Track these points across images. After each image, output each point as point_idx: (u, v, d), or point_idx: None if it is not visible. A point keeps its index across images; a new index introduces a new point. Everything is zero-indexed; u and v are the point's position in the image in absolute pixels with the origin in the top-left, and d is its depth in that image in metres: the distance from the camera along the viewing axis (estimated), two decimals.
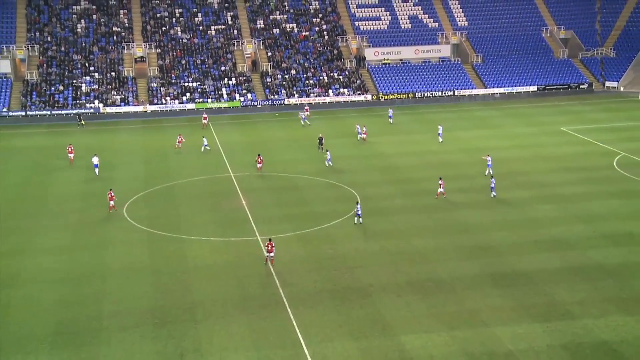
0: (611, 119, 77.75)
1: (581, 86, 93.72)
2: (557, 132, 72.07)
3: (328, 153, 60.23)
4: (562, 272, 38.89)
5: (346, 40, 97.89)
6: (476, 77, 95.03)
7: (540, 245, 42.63)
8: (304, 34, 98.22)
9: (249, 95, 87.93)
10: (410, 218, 47.72)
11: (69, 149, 63.18)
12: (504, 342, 32.14)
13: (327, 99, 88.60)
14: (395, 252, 42.14)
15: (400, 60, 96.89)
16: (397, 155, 64.10)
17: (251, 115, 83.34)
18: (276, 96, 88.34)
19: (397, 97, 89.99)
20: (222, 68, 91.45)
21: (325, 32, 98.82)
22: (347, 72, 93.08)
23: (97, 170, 59.02)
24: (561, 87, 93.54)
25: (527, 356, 31.06)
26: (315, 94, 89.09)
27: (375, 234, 45.07)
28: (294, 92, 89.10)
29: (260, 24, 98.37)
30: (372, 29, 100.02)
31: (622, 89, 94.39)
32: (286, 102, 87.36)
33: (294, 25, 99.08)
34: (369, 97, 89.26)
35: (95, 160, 59.27)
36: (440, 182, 51.92)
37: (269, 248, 39.57)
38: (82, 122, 78.84)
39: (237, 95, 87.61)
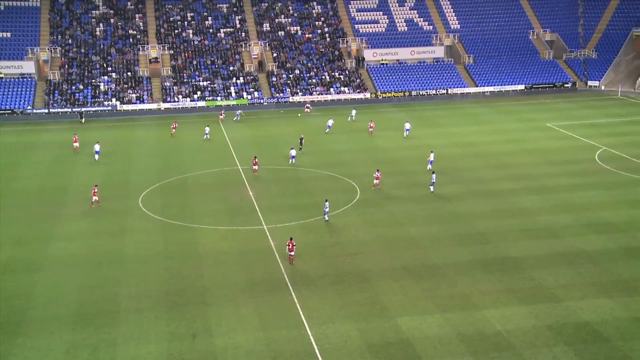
0: (593, 116, 77.48)
1: (565, 85, 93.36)
2: (543, 128, 71.85)
3: (292, 151, 58.87)
4: (548, 258, 38.84)
5: (347, 42, 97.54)
6: (468, 77, 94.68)
7: (527, 234, 42.56)
8: (307, 36, 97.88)
9: (255, 93, 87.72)
10: (406, 208, 47.65)
11: (74, 138, 64.25)
12: (493, 323, 32.12)
13: (329, 97, 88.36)
14: (392, 239, 42.10)
15: (397, 60, 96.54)
16: (395, 149, 63.95)
17: (258, 112, 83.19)
18: (281, 94, 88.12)
19: (394, 95, 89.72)
20: (231, 68, 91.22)
21: (327, 34, 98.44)
22: (347, 72, 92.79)
23: (97, 156, 60.44)
24: (547, 86, 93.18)
25: (514, 336, 31.04)
26: (318, 92, 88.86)
27: (374, 222, 45.01)
28: (298, 91, 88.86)
29: (266, 26, 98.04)
30: (371, 31, 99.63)
31: (603, 87, 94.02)
32: (290, 99, 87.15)
33: (298, 27, 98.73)
34: (367, 95, 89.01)
35: (97, 147, 60.53)
36: (377, 173, 51.32)
37: (290, 247, 38.47)
38: (83, 120, 78.84)
39: (244, 94, 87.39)
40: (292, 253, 38.62)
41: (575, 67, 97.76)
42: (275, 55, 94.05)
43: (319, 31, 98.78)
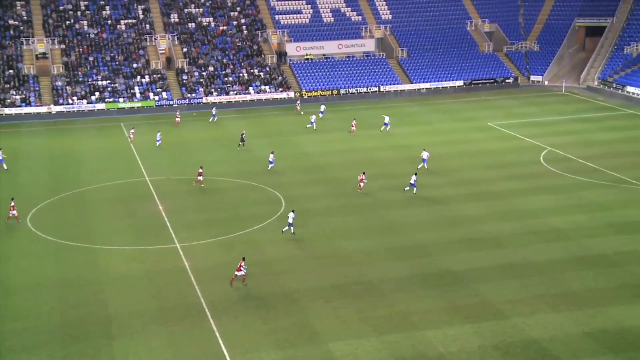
0: (537, 114, 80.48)
1: (507, 80, 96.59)
2: (484, 128, 74.07)
3: (271, 155, 59.47)
4: (492, 270, 39.99)
5: (266, 34, 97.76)
6: (402, 72, 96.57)
7: (470, 244, 43.70)
8: (221, 28, 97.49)
9: (164, 94, 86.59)
10: (337, 219, 48.04)
11: None
12: (435, 344, 32.77)
13: (248, 97, 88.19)
14: (321, 255, 42.35)
15: (323, 55, 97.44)
16: (322, 154, 64.39)
17: (167, 115, 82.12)
18: (193, 94, 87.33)
19: (320, 94, 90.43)
20: (134, 65, 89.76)
21: (244, 27, 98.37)
22: (268, 69, 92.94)
23: (4, 164, 59.60)
24: (487, 81, 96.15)
25: (458, 358, 31.76)
26: (235, 92, 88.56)
27: (301, 237, 45.13)
28: (212, 90, 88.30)
29: (174, 17, 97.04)
30: (293, 22, 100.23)
31: (546, 82, 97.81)
32: (204, 100, 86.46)
33: (211, 19, 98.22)
34: (291, 94, 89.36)
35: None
36: (361, 176, 52.98)
37: (239, 267, 38.12)
38: None
39: (151, 94, 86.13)
40: (240, 273, 37.96)
41: (517, 60, 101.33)
42: (185, 50, 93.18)
43: (235, 23, 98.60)
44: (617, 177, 56.04)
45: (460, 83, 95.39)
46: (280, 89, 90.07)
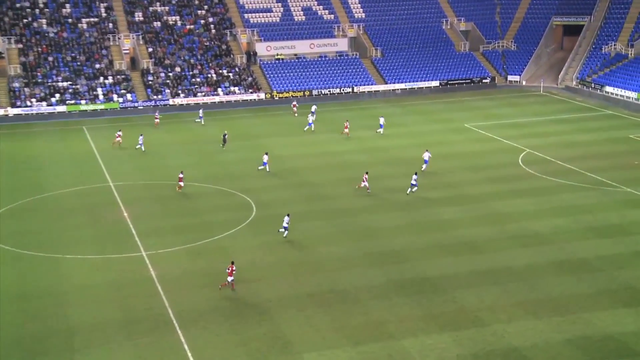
0: (515, 115, 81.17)
1: (484, 80, 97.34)
2: (461, 129, 74.52)
3: (265, 157, 59.64)
4: (471, 276, 40.15)
5: (235, 34, 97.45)
6: (376, 73, 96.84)
7: (448, 249, 43.85)
8: (188, 27, 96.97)
9: (128, 95, 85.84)
10: (310, 225, 47.95)
11: None
12: (412, 354, 32.76)
13: (217, 99, 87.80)
14: (295, 262, 42.21)
15: (295, 55, 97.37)
16: (294, 157, 64.31)
17: (132, 118, 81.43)
18: (159, 96, 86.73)
19: (292, 95, 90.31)
20: (97, 66, 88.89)
21: (212, 25, 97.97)
22: (237, 69, 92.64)
23: None
24: (463, 81, 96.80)
25: None
26: (203, 93, 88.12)
27: (273, 243, 44.97)
28: (179, 92, 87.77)
29: (138, 16, 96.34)
30: (263, 21, 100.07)
31: (524, 82, 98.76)
32: (171, 102, 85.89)
33: (177, 17, 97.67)
34: (262, 95, 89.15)
35: None
36: (364, 176, 53.96)
37: (229, 271, 38.36)
38: None
39: (114, 96, 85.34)
40: (231, 278, 38.33)
41: (494, 60, 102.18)
42: (150, 50, 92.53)
43: (203, 21, 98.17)
44: (597, 180, 56.66)
45: (436, 83, 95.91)
46: (250, 90, 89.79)
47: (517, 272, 40.59)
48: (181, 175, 54.71)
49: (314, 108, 79.00)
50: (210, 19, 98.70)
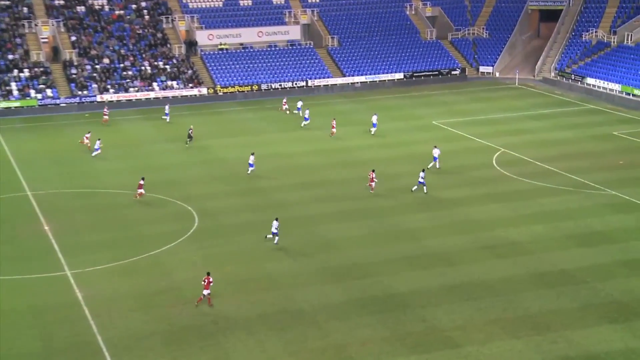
0: (487, 110, 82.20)
1: (453, 72, 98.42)
2: (428, 127, 75.17)
3: (252, 157, 59.82)
4: (441, 292, 40.48)
5: (172, 20, 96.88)
6: (332, 64, 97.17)
7: (415, 262, 44.16)
8: (117, 12, 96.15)
9: (48, 91, 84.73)
10: (260, 237, 47.84)
11: None
12: None
13: (152, 94, 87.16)
14: (243, 279, 42.08)
15: (241, 44, 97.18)
16: (241, 160, 64.14)
17: (53, 117, 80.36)
18: (85, 92, 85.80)
19: (238, 90, 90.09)
20: (10, 57, 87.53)
21: (145, 11, 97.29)
22: (175, 61, 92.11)
23: None
24: (430, 73, 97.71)
25: None
26: (136, 89, 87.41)
27: (218, 258, 44.78)
28: (109, 87, 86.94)
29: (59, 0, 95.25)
30: (204, 6, 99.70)
31: (497, 74, 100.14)
32: (98, 99, 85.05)
33: (104, 2, 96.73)
34: (204, 90, 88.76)
35: None
36: (371, 174, 54.98)
37: (205, 284, 38.58)
38: None
39: (32, 92, 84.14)
40: (208, 291, 38.51)
41: (464, 49, 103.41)
42: (74, 39, 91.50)
43: (134, 6, 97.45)
44: (578, 182, 57.68)
45: (399, 76, 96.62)
46: (191, 85, 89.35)
47: (492, 287, 41.06)
48: (142, 182, 54.27)
49: (300, 104, 79.01)
50: (143, 4, 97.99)
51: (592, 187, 56.49)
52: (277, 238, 46.41)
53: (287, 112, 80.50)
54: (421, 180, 55.18)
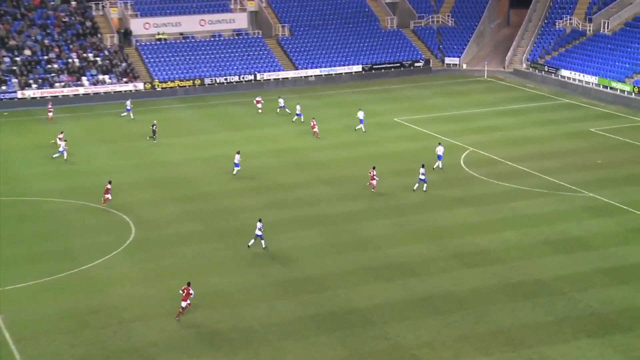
0: (454, 106, 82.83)
1: (416, 64, 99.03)
2: (390, 124, 75.51)
3: (237, 156, 60.04)
4: (405, 306, 40.60)
5: (103, 7, 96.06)
6: (284, 56, 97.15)
7: (377, 273, 44.24)
8: None
9: None
10: (203, 248, 47.62)
11: None
12: None
13: (81, 90, 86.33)
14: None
15: (181, 34, 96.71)
16: (183, 162, 63.85)
17: None
18: (4, 87, 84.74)
19: (179, 85, 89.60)
20: None
21: None
22: (107, 52, 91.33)
23: None
24: (392, 65, 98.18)
25: None
26: (63, 84, 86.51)
27: (157, 272, 44.45)
28: (31, 82, 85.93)
29: None
30: None
31: (464, 66, 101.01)
32: (19, 95, 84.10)
33: None
34: (140, 85, 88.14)
35: None
36: (372, 172, 55.63)
37: (184, 294, 39.11)
38: None
39: None
40: (187, 302, 39.05)
41: (428, 39, 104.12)
42: None
43: None
44: (553, 183, 58.37)
45: (358, 68, 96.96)
46: (125, 79, 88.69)
47: (461, 299, 41.30)
48: (109, 186, 54.01)
49: (281, 102, 78.16)
50: None
51: (568, 189, 57.20)
52: (263, 241, 46.85)
53: (260, 110, 79.59)
54: (422, 177, 55.97)
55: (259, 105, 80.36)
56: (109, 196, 53.90)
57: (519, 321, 38.96)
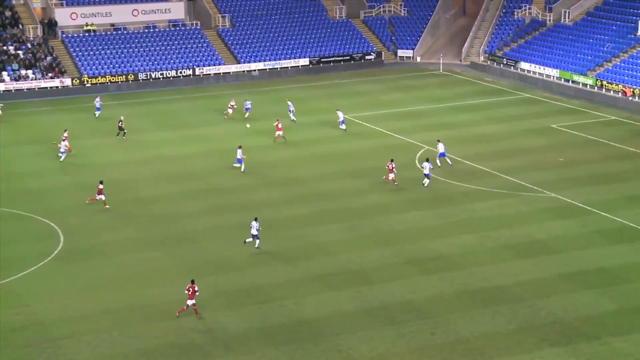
0: (408, 101, 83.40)
1: (367, 57, 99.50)
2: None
3: (239, 150, 60.48)
4: (358, 316, 40.79)
5: None
6: (224, 49, 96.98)
7: (326, 281, 44.41)
8: None
9: None
10: (140, 257, 47.40)
11: None
12: None
13: (1, 86, 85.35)
14: (121, 308, 41.55)
15: (112, 25, 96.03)
16: (117, 165, 63.43)
17: None
18: None
19: (110, 81, 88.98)
20: None
21: None
22: (30, 45, 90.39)
23: None
24: (341, 58, 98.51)
25: None
26: None
27: (91, 284, 44.14)
28: None
29: None
30: None
31: (418, 59, 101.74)
32: None
33: None
34: (67, 81, 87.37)
35: None
36: (390, 164, 56.76)
37: (190, 293, 39.82)
38: None
39: None
40: (192, 301, 39.96)
41: (379, 30, 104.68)
42: None
43: None
44: (513, 183, 59.06)
45: (304, 62, 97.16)
46: (51, 75, 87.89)
47: (417, 308, 41.60)
48: (101, 187, 54.32)
49: (248, 104, 76.64)
50: None
51: (529, 189, 57.92)
52: (258, 241, 47.49)
53: (226, 116, 77.29)
54: (427, 172, 57.39)
55: (230, 111, 77.33)
56: (102, 197, 54.22)
57: (479, 330, 39.37)
